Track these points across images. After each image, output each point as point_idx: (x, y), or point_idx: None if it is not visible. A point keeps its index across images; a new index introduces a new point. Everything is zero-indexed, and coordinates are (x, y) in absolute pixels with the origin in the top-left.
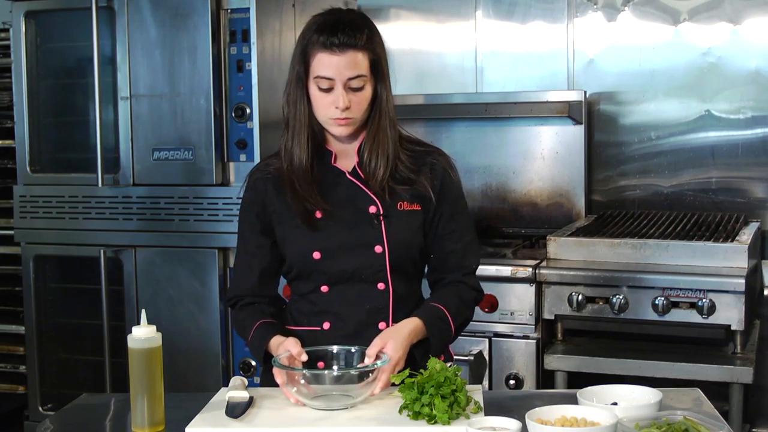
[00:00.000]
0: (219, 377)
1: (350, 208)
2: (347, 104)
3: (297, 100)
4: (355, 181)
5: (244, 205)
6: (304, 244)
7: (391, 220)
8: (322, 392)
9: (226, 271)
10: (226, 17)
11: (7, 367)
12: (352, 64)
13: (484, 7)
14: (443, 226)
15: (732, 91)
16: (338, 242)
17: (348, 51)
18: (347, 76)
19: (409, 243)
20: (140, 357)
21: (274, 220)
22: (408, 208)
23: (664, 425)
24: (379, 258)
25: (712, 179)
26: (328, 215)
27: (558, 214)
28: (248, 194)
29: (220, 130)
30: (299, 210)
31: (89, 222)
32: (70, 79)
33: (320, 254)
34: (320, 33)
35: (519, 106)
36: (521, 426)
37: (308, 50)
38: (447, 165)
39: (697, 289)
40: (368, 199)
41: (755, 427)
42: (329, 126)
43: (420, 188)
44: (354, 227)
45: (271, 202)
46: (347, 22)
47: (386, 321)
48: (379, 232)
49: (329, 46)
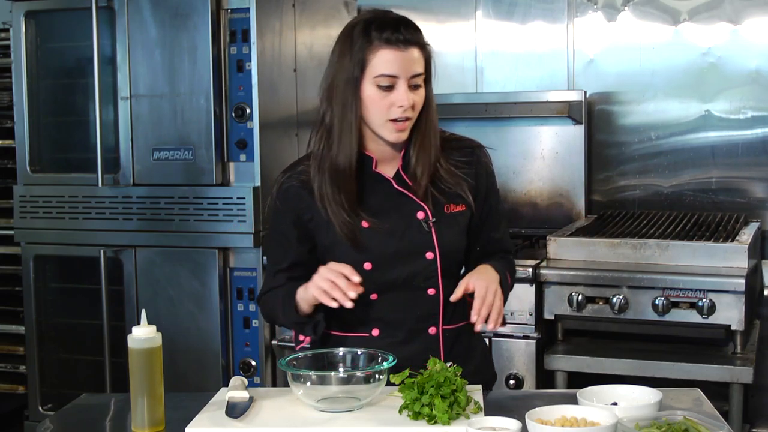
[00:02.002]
0: (219, 377)
1: (396, 216)
2: (411, 102)
3: (346, 103)
4: (399, 188)
5: (276, 213)
6: (353, 255)
7: (441, 224)
8: (328, 394)
9: (226, 271)
10: (226, 17)
11: (7, 367)
12: (416, 61)
13: (484, 7)
14: (489, 219)
15: (732, 91)
16: (389, 252)
17: (411, 47)
18: (411, 73)
19: (459, 246)
20: (140, 357)
21: (313, 228)
22: (455, 210)
23: (664, 425)
24: (431, 264)
25: (712, 179)
26: (375, 225)
27: (558, 214)
28: (280, 203)
29: (220, 130)
30: (341, 224)
31: (89, 222)
32: (70, 79)
33: (371, 265)
34: (381, 30)
35: (519, 106)
36: (521, 426)
37: (367, 49)
38: (487, 158)
39: (697, 289)
40: (415, 205)
41: (755, 427)
42: (385, 130)
43: (465, 188)
44: (403, 235)
45: (307, 209)
46: (405, 20)
47: (436, 325)
48: (430, 238)
49: (394, 42)
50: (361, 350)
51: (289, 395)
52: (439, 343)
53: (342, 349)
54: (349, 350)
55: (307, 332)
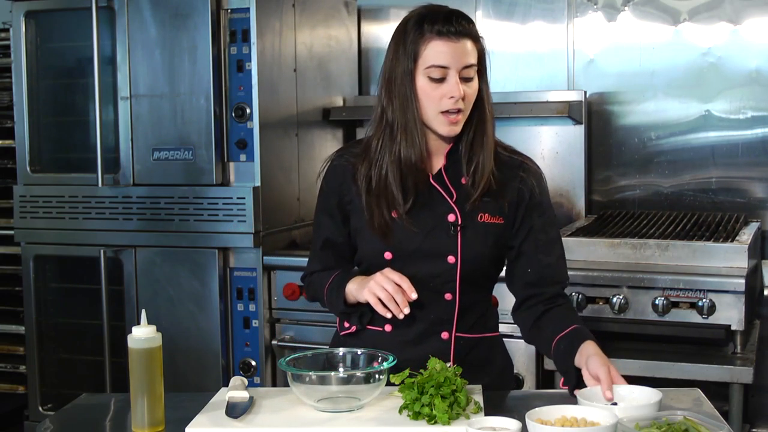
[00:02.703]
0: (219, 377)
1: (427, 214)
2: (462, 93)
3: (406, 97)
4: (437, 186)
5: (325, 189)
6: (377, 243)
7: (468, 231)
8: (329, 394)
9: (226, 271)
10: (226, 17)
11: (7, 367)
12: (468, 53)
13: (484, 7)
14: (536, 238)
15: (732, 91)
16: (412, 247)
17: (463, 39)
18: (463, 64)
19: (483, 256)
20: (140, 357)
21: (350, 210)
22: (489, 221)
23: (664, 425)
24: (451, 268)
25: (712, 179)
26: (403, 218)
27: (558, 214)
28: (328, 180)
29: (220, 130)
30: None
31: (89, 222)
32: (70, 79)
33: (392, 255)
34: (433, 22)
35: (519, 106)
36: (521, 426)
37: (419, 41)
38: (537, 176)
39: (697, 289)
40: (448, 206)
41: (755, 427)
42: (437, 123)
43: (507, 200)
44: (429, 234)
45: (348, 191)
46: (458, 13)
47: (449, 331)
48: (455, 243)
49: (445, 33)
50: (361, 350)
51: (289, 395)
52: (450, 348)
53: (342, 349)
54: (349, 350)
55: (353, 321)
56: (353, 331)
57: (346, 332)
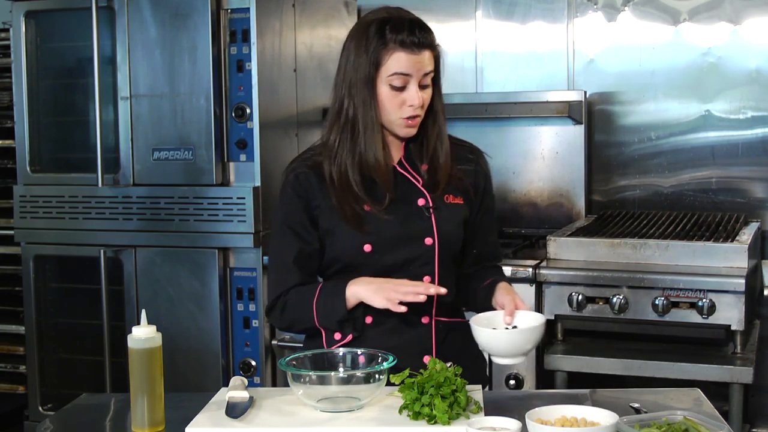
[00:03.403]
0: (219, 377)
1: (399, 201)
2: (422, 102)
3: (367, 102)
4: (403, 173)
5: (288, 202)
6: (355, 237)
7: (440, 212)
8: (329, 394)
9: (226, 271)
10: (226, 17)
11: (7, 367)
12: (427, 62)
13: (484, 7)
14: (485, 221)
15: (732, 91)
16: (390, 234)
17: (424, 50)
18: (423, 73)
19: (456, 235)
20: (140, 357)
21: (319, 214)
22: (454, 201)
23: (664, 425)
24: (429, 250)
25: (712, 179)
26: (377, 209)
27: (558, 214)
28: (292, 189)
29: (220, 130)
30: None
31: (89, 222)
32: (70, 79)
33: (371, 246)
34: (396, 32)
35: (519, 106)
36: (521, 426)
37: (382, 50)
38: (486, 163)
39: (697, 289)
40: (417, 191)
41: (755, 427)
42: (396, 127)
43: (465, 183)
44: (405, 220)
45: (315, 196)
46: (419, 22)
47: (429, 315)
48: (430, 224)
49: (408, 45)
50: (361, 350)
51: (289, 395)
52: (431, 333)
53: (342, 349)
54: (349, 350)
55: (347, 330)
56: (350, 340)
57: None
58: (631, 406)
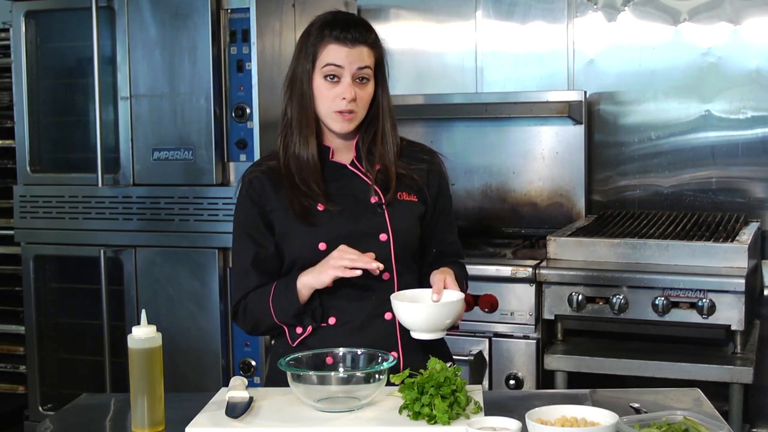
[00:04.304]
0: (219, 377)
1: (352, 199)
2: (354, 96)
3: (302, 96)
4: (356, 172)
5: (243, 207)
6: (309, 236)
7: (394, 208)
8: (328, 394)
9: (226, 271)
10: (226, 17)
11: (7, 367)
12: (361, 56)
13: (484, 7)
14: (442, 220)
15: (732, 91)
16: (344, 232)
17: (358, 45)
18: (356, 66)
19: (411, 231)
20: (140, 357)
21: (273, 218)
22: (408, 198)
23: (664, 425)
24: (385, 246)
25: (712, 179)
26: (330, 207)
27: (558, 214)
28: (246, 194)
29: (220, 130)
30: (297, 206)
31: (89, 222)
32: (70, 79)
33: (326, 245)
34: (332, 28)
35: (519, 106)
36: (521, 426)
37: (318, 44)
38: (441, 163)
39: (697, 289)
40: (369, 189)
41: (755, 427)
42: (331, 120)
43: (418, 183)
44: (358, 217)
45: (269, 200)
46: (358, 21)
47: (391, 311)
48: (383, 220)
49: (342, 39)
50: (361, 350)
51: (289, 395)
52: (395, 328)
53: (342, 349)
54: (349, 350)
55: (306, 322)
56: (310, 332)
57: (300, 339)
58: (631, 406)
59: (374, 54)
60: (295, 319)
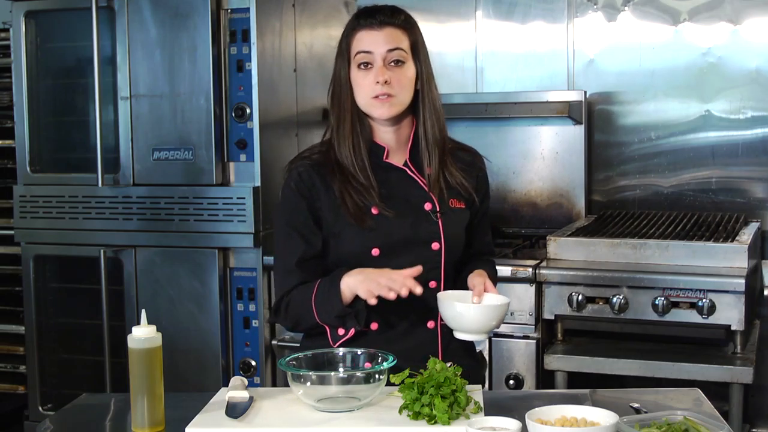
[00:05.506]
0: (219, 377)
1: (406, 204)
2: (387, 77)
3: (341, 92)
4: (411, 175)
5: (291, 199)
6: (363, 240)
7: (446, 217)
8: (328, 394)
9: (226, 271)
10: (226, 17)
11: (7, 367)
12: (391, 38)
13: (484, 7)
14: (483, 222)
15: (732, 91)
16: (398, 238)
17: (386, 27)
18: (386, 48)
19: (461, 240)
20: (140, 357)
21: (323, 215)
22: (457, 206)
23: (664, 425)
24: (436, 255)
25: (712, 179)
26: (385, 211)
27: (558, 214)
28: (296, 187)
29: (220, 130)
30: (351, 206)
31: (89, 222)
32: (70, 79)
33: (379, 251)
34: (359, 17)
35: (519, 106)
36: (521, 426)
37: (349, 36)
38: (484, 165)
39: (697, 289)
40: (424, 195)
41: (755, 427)
42: (371, 108)
43: (467, 188)
44: (412, 223)
45: (317, 195)
46: (387, 7)
47: (435, 320)
48: (437, 229)
49: (369, 25)
50: (361, 350)
51: (289, 395)
52: (437, 337)
53: (342, 349)
54: (349, 350)
55: (349, 324)
56: (352, 335)
57: (342, 341)
58: (631, 406)
59: (407, 35)
60: (338, 320)
